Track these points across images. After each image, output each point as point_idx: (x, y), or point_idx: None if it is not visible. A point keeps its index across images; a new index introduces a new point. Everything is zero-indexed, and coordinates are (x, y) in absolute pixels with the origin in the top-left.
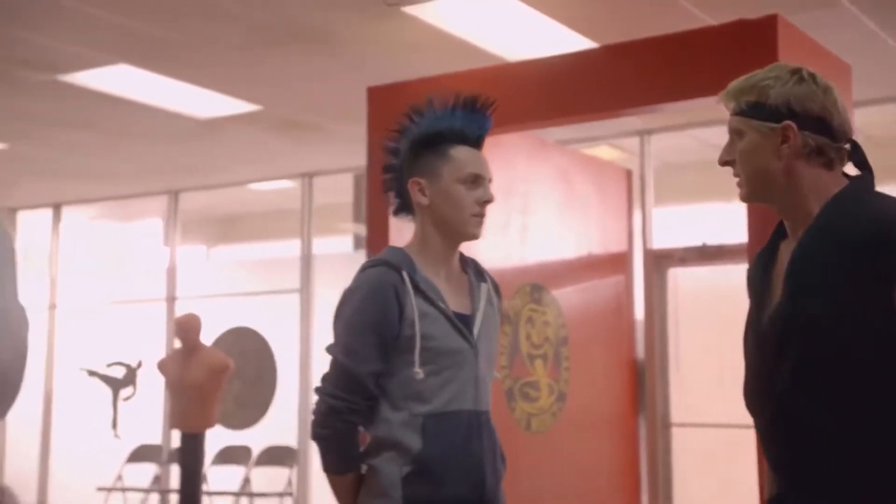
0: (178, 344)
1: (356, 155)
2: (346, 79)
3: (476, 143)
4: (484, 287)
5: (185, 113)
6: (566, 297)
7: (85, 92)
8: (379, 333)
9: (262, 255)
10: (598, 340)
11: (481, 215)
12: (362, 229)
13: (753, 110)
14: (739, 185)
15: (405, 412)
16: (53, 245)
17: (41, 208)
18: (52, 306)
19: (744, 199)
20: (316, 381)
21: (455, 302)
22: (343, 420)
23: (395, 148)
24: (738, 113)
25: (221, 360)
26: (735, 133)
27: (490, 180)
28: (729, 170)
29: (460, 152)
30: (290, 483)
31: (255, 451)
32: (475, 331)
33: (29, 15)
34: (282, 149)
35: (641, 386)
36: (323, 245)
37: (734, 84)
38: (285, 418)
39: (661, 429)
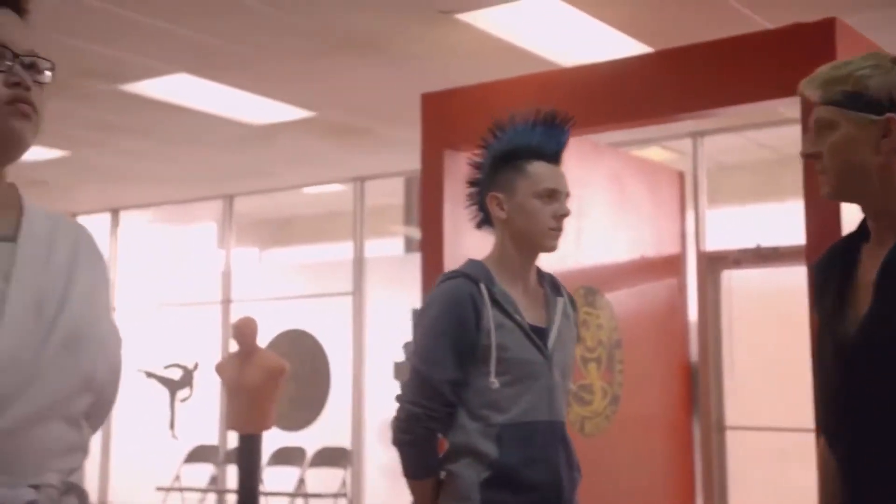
0: (234, 346)
1: (408, 158)
2: (399, 85)
3: (553, 158)
4: (560, 301)
5: (241, 120)
6: (620, 300)
7: (145, 100)
8: (456, 343)
9: (314, 257)
10: (652, 343)
11: (558, 229)
12: (413, 232)
13: (850, 101)
14: (825, 180)
15: (482, 421)
16: (112, 249)
17: (100, 213)
18: (112, 309)
19: (829, 195)
20: (369, 383)
21: (531, 314)
22: (423, 426)
23: (479, 163)
24: (830, 103)
25: (278, 363)
26: (825, 125)
27: (567, 194)
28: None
29: (537, 167)
30: (344, 484)
31: (310, 453)
32: (550, 343)
33: (93, 27)
34: (334, 153)
35: (695, 389)
36: (373, 247)
37: (823, 72)
38: (339, 420)
39: (716, 432)
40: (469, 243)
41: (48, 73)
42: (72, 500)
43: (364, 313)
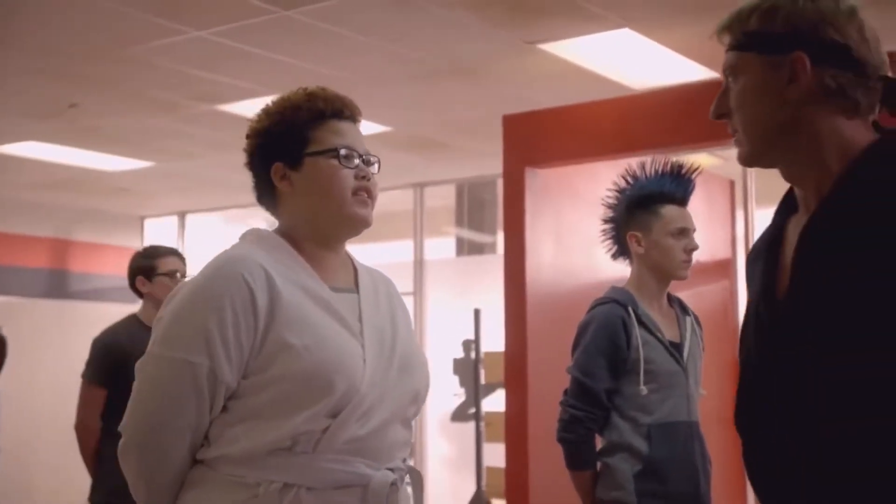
0: None
1: (466, 167)
2: (478, 104)
3: (682, 201)
4: (688, 320)
5: None
6: None
7: (240, 119)
8: (609, 357)
9: (370, 256)
10: (706, 343)
11: (689, 261)
12: (464, 233)
13: (754, 41)
14: (738, 143)
15: (632, 421)
16: (180, 247)
17: (168, 216)
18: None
19: (744, 160)
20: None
21: (667, 332)
22: (583, 427)
23: (613, 204)
24: (734, 46)
25: None
26: (730, 73)
27: (694, 230)
28: None
29: (669, 210)
30: None
31: None
32: (684, 355)
33: (200, 55)
34: (400, 163)
35: None
36: (426, 247)
37: (735, 10)
38: None
39: None
40: (546, 253)
41: (377, 167)
42: (407, 479)
43: (425, 312)
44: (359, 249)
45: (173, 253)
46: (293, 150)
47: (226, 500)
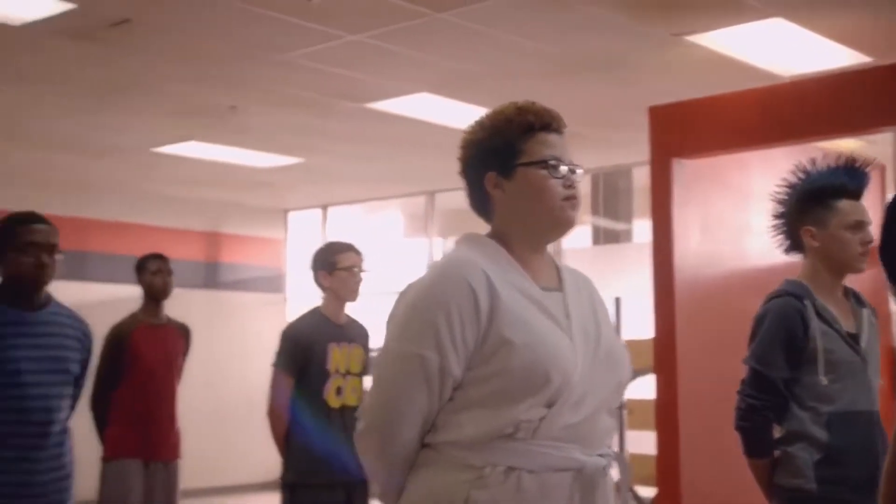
0: None
1: (601, 156)
2: (622, 97)
3: (856, 195)
4: (865, 311)
5: (461, 128)
6: None
7: (386, 115)
8: (786, 347)
9: None
10: None
11: (866, 253)
12: (600, 222)
13: None
14: None
15: (811, 411)
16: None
17: (311, 209)
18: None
19: None
20: None
21: (844, 323)
22: (760, 415)
23: (783, 199)
24: None
25: None
26: None
27: (870, 223)
28: None
29: (844, 204)
30: None
31: None
32: (863, 345)
33: (347, 56)
34: None
35: None
36: None
37: None
38: None
39: None
40: (693, 242)
41: (580, 172)
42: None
43: None
44: None
45: (351, 248)
46: (506, 161)
47: (454, 480)
